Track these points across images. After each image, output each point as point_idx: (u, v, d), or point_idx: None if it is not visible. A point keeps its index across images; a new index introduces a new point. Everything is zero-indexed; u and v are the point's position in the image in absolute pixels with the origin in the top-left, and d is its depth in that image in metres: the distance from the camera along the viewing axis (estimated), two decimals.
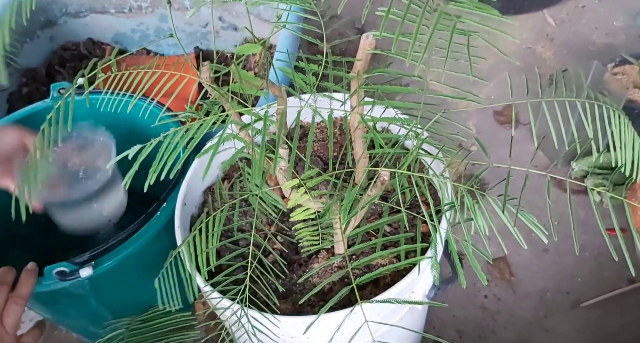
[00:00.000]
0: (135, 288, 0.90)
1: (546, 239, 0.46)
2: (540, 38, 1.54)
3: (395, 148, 0.54)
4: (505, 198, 0.45)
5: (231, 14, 1.35)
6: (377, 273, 0.57)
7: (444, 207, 0.56)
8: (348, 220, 0.56)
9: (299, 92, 0.58)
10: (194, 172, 0.77)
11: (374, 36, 0.48)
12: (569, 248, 1.13)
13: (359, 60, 0.51)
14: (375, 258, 0.58)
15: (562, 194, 1.19)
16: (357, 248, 0.61)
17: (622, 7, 1.57)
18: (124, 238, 0.79)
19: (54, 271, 0.74)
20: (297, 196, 0.55)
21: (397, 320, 0.66)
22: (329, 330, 0.59)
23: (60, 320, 1.07)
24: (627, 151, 0.48)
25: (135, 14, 1.41)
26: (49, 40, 1.41)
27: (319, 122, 0.85)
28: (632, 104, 1.14)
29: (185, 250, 0.63)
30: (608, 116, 0.48)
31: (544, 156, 1.27)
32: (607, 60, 1.24)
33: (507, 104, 1.39)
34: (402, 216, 0.54)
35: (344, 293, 0.53)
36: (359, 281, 0.54)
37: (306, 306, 0.64)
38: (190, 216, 0.77)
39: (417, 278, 0.60)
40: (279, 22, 0.55)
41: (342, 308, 0.57)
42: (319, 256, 0.68)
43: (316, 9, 0.52)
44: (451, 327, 1.05)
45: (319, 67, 0.55)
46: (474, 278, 1.10)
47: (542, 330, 1.03)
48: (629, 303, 1.04)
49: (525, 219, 0.48)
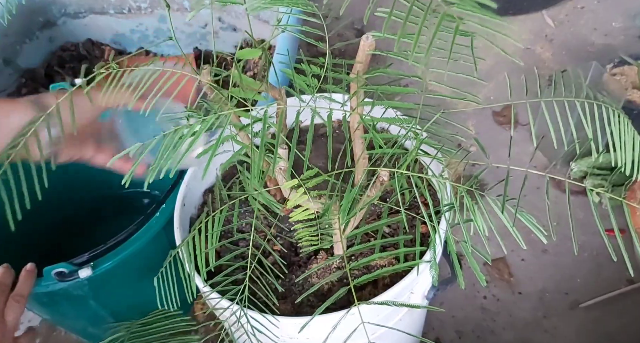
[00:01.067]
0: (134, 289, 0.90)
1: (545, 239, 0.46)
2: (539, 39, 1.54)
3: (395, 147, 0.54)
4: (505, 198, 0.45)
5: (230, 15, 1.35)
6: (375, 274, 0.57)
7: (443, 208, 0.56)
8: (347, 220, 0.56)
9: (299, 93, 0.58)
10: (193, 173, 0.77)
11: (374, 37, 0.48)
12: (568, 248, 1.13)
13: (359, 63, 0.51)
14: (374, 259, 0.58)
15: (561, 195, 1.19)
16: (356, 248, 0.61)
17: (621, 8, 1.57)
18: (123, 239, 0.79)
19: (53, 271, 0.74)
20: (297, 196, 0.55)
21: (396, 320, 0.66)
22: (328, 331, 0.59)
23: (60, 321, 1.07)
24: (627, 150, 0.48)
25: (134, 14, 1.40)
26: (48, 41, 1.41)
27: (319, 124, 0.85)
28: (630, 105, 1.14)
29: (185, 250, 0.63)
30: (608, 115, 0.48)
31: (543, 156, 1.27)
32: (606, 61, 1.24)
33: (506, 104, 1.40)
34: (401, 217, 0.54)
35: (341, 294, 0.53)
36: (357, 282, 0.54)
37: (306, 306, 0.64)
38: (190, 217, 0.77)
39: (416, 279, 0.60)
40: (279, 25, 0.55)
41: (342, 308, 0.57)
42: (318, 257, 0.68)
43: (318, 11, 0.52)
44: (450, 328, 1.05)
45: (321, 70, 0.55)
46: (473, 279, 1.10)
47: (541, 330, 1.03)
48: (628, 303, 1.04)
49: (524, 219, 0.48)
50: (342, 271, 0.61)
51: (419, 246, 0.61)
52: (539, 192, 1.20)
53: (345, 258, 0.60)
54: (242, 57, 0.52)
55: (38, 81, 1.34)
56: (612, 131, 0.48)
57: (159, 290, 0.63)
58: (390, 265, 0.63)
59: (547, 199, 0.47)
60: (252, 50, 0.51)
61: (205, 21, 1.39)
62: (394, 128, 0.81)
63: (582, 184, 0.46)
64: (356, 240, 0.65)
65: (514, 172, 0.48)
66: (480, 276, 0.51)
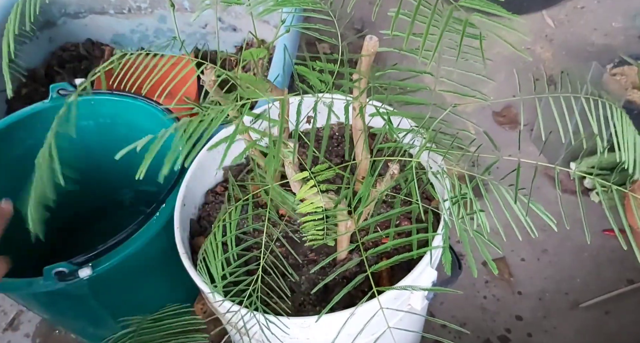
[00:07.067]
0: (134, 289, 0.90)
1: (555, 227, 0.47)
2: (539, 39, 1.54)
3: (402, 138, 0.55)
4: (517, 188, 0.46)
5: (230, 15, 1.35)
6: (392, 261, 0.58)
7: (443, 203, 0.57)
8: (361, 211, 0.57)
9: (314, 90, 0.58)
10: (194, 173, 0.77)
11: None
12: (568, 248, 1.13)
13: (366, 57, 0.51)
14: (388, 247, 0.59)
15: (562, 195, 1.19)
16: (370, 237, 0.62)
17: (621, 8, 1.57)
18: (123, 239, 0.79)
19: (53, 271, 0.74)
20: (306, 189, 0.55)
21: (396, 321, 0.66)
22: (329, 331, 0.59)
23: (59, 321, 1.07)
24: (629, 148, 0.48)
25: (134, 14, 1.41)
26: (48, 41, 1.41)
27: (320, 127, 0.85)
28: (630, 105, 1.15)
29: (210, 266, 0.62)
30: (611, 112, 0.48)
31: (544, 157, 1.27)
32: (605, 61, 1.24)
33: (506, 103, 1.40)
34: (412, 207, 0.54)
35: (359, 280, 0.55)
36: (375, 268, 0.55)
37: (307, 305, 0.64)
38: (190, 217, 0.77)
39: (418, 278, 0.61)
40: (284, 25, 0.56)
41: (344, 308, 0.57)
42: (320, 255, 0.69)
43: (326, 9, 0.53)
44: (450, 328, 1.05)
45: (334, 66, 0.55)
46: (472, 279, 1.10)
47: (541, 330, 1.03)
48: (628, 304, 1.04)
49: (535, 208, 0.48)
50: (360, 258, 0.62)
51: (430, 232, 0.62)
52: (539, 192, 1.20)
53: (358, 234, 0.60)
54: (248, 58, 0.52)
55: (38, 81, 1.35)
56: (615, 127, 0.48)
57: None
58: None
59: (558, 191, 0.47)
60: (257, 50, 0.51)
61: (206, 21, 1.40)
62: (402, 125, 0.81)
63: (586, 186, 0.46)
64: (370, 229, 0.66)
65: (514, 173, 0.49)
66: (474, 271, 0.51)
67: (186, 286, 0.76)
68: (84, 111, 1.04)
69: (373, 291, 0.54)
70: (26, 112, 1.00)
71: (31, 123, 1.00)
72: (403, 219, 0.70)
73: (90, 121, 1.05)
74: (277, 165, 0.49)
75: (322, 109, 0.58)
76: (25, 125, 0.99)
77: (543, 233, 1.14)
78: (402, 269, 0.67)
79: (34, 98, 1.26)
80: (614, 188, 0.44)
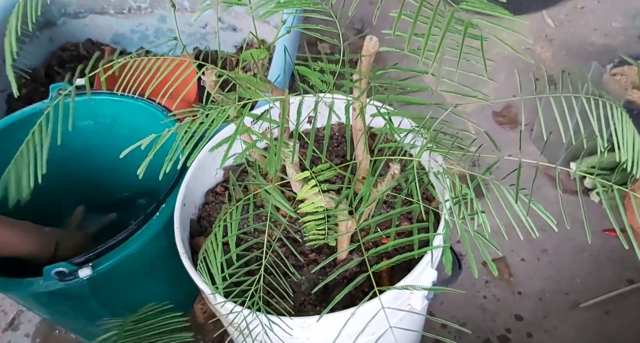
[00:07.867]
0: (134, 289, 0.90)
1: (556, 227, 0.47)
2: (539, 39, 1.54)
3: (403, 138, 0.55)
4: (518, 188, 0.46)
5: (230, 15, 1.35)
6: (394, 260, 0.58)
7: (444, 203, 0.57)
8: (362, 211, 0.57)
9: (315, 90, 0.58)
10: (194, 173, 0.77)
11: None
12: (568, 248, 1.13)
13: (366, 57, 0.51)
14: (389, 247, 0.59)
15: (562, 195, 1.19)
16: (371, 237, 0.62)
17: (621, 8, 1.57)
18: (123, 239, 0.79)
19: (53, 271, 0.74)
20: (307, 189, 0.55)
21: (396, 320, 0.66)
22: (330, 331, 0.59)
23: (59, 321, 1.07)
24: (629, 147, 0.48)
25: (134, 14, 1.41)
26: (48, 41, 1.41)
27: (320, 127, 0.85)
28: (630, 105, 1.15)
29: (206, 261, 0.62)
30: (611, 112, 0.48)
31: (544, 157, 1.27)
32: (605, 61, 1.24)
33: (506, 103, 1.40)
34: (413, 207, 0.54)
35: (360, 280, 0.54)
36: (376, 268, 0.55)
37: (307, 305, 0.64)
38: (190, 217, 0.77)
39: (419, 278, 0.61)
40: (285, 26, 0.56)
41: (344, 308, 0.57)
42: (321, 255, 0.69)
43: (327, 10, 0.53)
44: (450, 328, 1.05)
45: (336, 66, 0.55)
46: (472, 279, 1.10)
47: (541, 330, 1.03)
48: (628, 304, 1.04)
49: (536, 208, 0.48)
50: (360, 258, 0.62)
51: (430, 233, 0.62)
52: (540, 192, 1.20)
53: (359, 233, 0.61)
54: (248, 58, 0.52)
55: (38, 81, 1.34)
56: (614, 124, 0.48)
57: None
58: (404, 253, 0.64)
59: (559, 191, 0.47)
60: (258, 50, 0.51)
61: (205, 21, 1.40)
62: (402, 125, 0.81)
63: (587, 185, 0.46)
64: (371, 229, 0.66)
65: (515, 173, 0.49)
66: (474, 271, 0.51)
67: (186, 287, 0.76)
68: (84, 111, 1.04)
69: (374, 291, 0.53)
70: (26, 112, 1.00)
71: (31, 123, 0.99)
72: (403, 219, 0.70)
73: (90, 121, 1.05)
74: (279, 166, 0.49)
75: (322, 110, 0.59)
76: (25, 125, 0.99)
77: (543, 233, 1.14)
78: (402, 269, 0.67)
79: (34, 98, 1.27)
80: (615, 187, 0.44)
